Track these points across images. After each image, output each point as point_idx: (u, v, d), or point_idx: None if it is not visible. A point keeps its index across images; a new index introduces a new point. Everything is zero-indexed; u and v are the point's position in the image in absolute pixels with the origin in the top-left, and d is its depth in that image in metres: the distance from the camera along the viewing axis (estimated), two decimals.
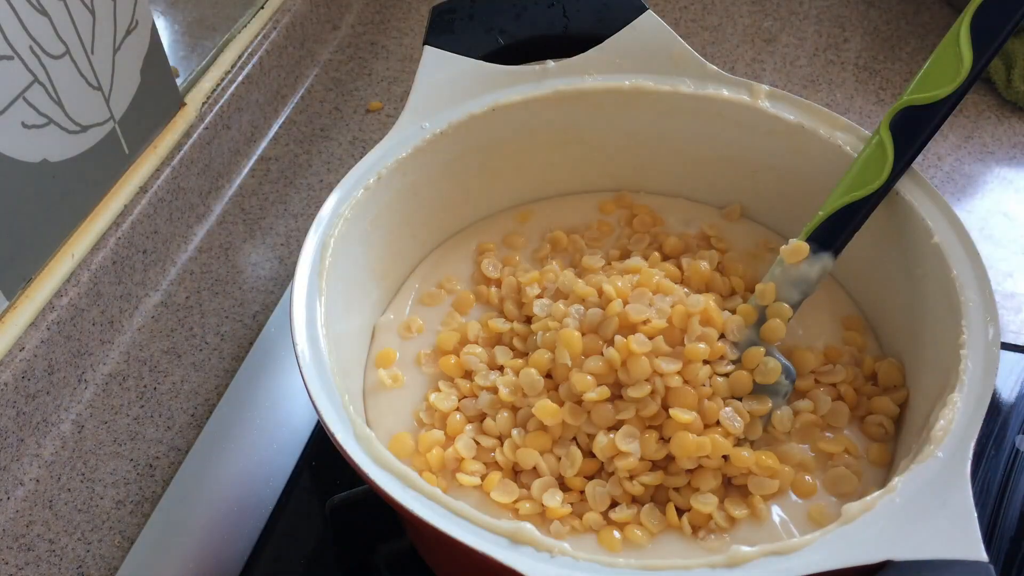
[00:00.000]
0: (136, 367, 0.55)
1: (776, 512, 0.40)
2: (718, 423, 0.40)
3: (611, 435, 0.40)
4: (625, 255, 0.50)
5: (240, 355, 0.58)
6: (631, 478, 0.40)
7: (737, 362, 0.42)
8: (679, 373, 0.40)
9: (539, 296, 0.47)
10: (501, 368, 0.45)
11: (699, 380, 0.41)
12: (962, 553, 0.31)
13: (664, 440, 0.40)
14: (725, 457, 0.40)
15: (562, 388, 0.42)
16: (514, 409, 0.43)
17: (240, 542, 0.48)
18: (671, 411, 0.40)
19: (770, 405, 0.42)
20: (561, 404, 0.41)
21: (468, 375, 0.45)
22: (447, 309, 0.49)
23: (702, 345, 0.41)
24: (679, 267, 0.48)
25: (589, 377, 0.40)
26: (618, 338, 0.41)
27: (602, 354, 0.41)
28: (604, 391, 0.40)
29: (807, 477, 0.41)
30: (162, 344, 0.57)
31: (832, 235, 0.43)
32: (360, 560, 0.49)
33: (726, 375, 0.42)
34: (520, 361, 0.44)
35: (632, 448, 0.40)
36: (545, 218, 0.53)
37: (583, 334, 0.42)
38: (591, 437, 0.41)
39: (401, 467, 0.35)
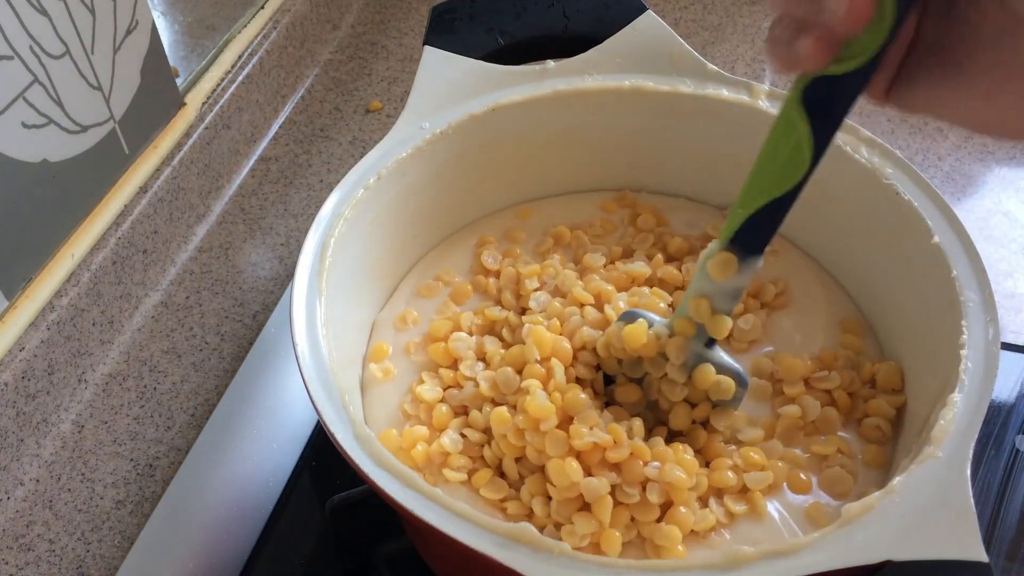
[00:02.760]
0: (136, 367, 0.55)
1: (775, 509, 0.40)
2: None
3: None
4: (628, 253, 0.50)
5: (240, 355, 0.58)
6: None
7: (689, 379, 0.41)
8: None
9: (537, 289, 0.47)
10: (486, 357, 0.45)
11: (646, 456, 0.39)
12: (962, 553, 0.31)
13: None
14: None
15: (518, 416, 0.40)
16: (495, 403, 0.42)
17: (240, 542, 0.48)
18: (618, 495, 0.38)
19: (732, 415, 0.41)
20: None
21: (455, 364, 0.45)
22: (443, 300, 0.49)
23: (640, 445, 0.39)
24: (681, 269, 0.48)
25: (547, 403, 0.39)
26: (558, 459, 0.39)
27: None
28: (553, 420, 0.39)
29: (801, 474, 0.41)
30: (162, 344, 0.57)
31: (758, 237, 0.37)
32: (360, 560, 0.49)
33: (679, 401, 0.41)
34: (503, 352, 0.44)
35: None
36: (547, 217, 0.53)
37: (573, 347, 0.42)
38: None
39: (401, 467, 0.35)
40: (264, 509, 0.50)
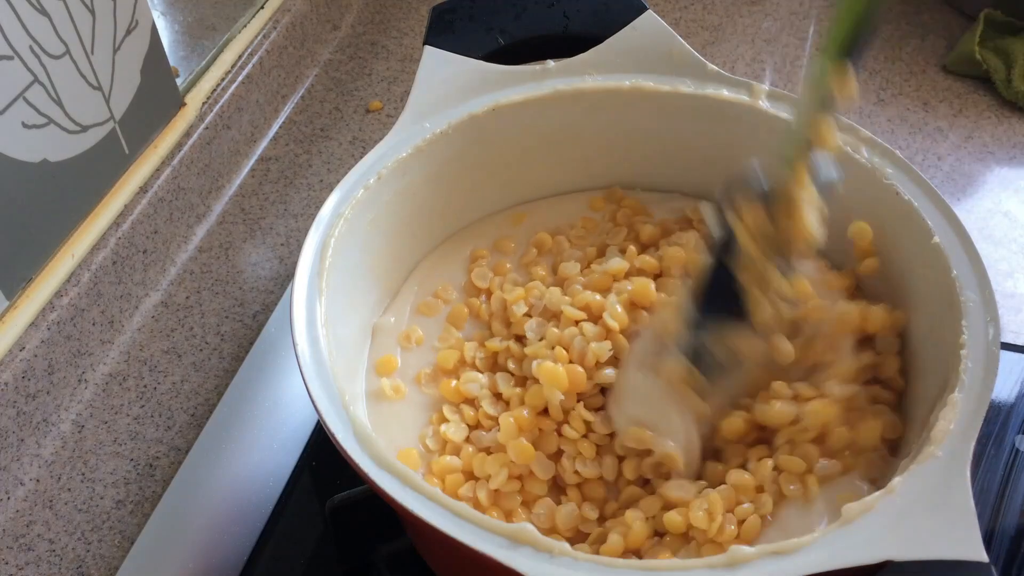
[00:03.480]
0: (136, 367, 0.55)
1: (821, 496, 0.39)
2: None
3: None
4: (602, 251, 0.50)
5: (240, 355, 0.58)
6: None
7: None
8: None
9: (527, 315, 0.47)
10: (503, 397, 0.44)
11: None
12: (962, 553, 0.31)
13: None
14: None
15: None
16: None
17: (240, 542, 0.48)
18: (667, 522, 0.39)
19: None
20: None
21: (471, 402, 0.45)
22: (443, 320, 0.48)
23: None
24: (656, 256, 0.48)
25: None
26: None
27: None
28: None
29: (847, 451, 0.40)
30: (162, 344, 0.57)
31: (864, 39, 0.35)
32: (360, 560, 0.49)
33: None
34: (519, 391, 0.44)
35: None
36: (543, 219, 0.53)
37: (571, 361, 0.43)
38: None
39: (401, 467, 0.35)
40: (264, 509, 0.50)
